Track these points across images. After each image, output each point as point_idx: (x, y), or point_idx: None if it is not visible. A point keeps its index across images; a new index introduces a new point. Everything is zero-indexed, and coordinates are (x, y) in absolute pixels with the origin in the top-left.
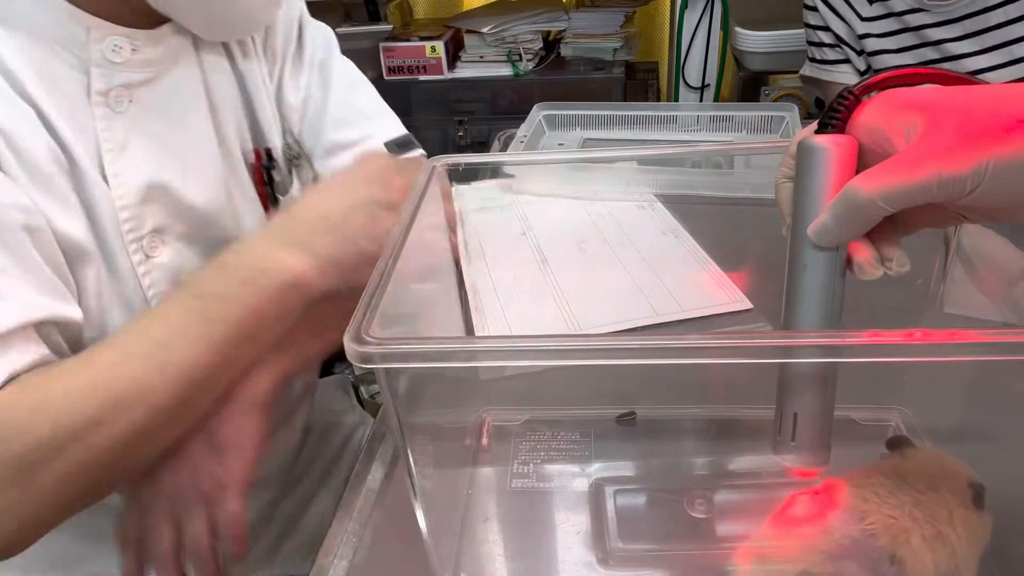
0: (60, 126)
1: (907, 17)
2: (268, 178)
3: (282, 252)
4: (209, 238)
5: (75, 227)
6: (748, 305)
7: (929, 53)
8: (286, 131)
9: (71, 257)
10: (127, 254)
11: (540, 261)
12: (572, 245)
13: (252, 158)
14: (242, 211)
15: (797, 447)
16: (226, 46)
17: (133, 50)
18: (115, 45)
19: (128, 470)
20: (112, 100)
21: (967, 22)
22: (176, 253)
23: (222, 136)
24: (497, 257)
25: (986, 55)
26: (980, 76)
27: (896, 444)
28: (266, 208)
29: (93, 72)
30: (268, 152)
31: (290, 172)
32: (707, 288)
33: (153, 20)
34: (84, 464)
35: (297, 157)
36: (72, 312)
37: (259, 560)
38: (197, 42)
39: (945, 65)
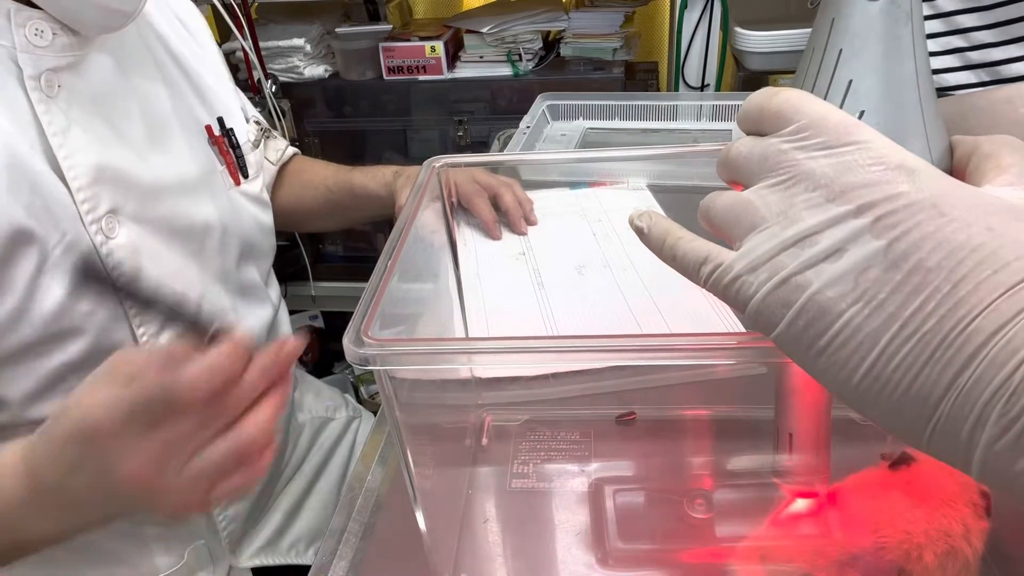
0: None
1: (938, 1)
2: (236, 154)
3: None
4: (163, 215)
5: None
6: None
7: (957, 41)
8: (246, 113)
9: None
10: (88, 236)
11: (536, 285)
12: (571, 269)
13: (206, 134)
14: (207, 186)
15: (794, 467)
16: (156, 31)
17: (54, 34)
18: (37, 29)
19: None
20: (44, 85)
21: (999, 11)
22: (131, 232)
23: (163, 114)
24: (492, 282)
25: (1016, 45)
26: (1005, 67)
27: (900, 462)
28: (236, 180)
29: (21, 58)
30: (222, 124)
31: (259, 144)
32: (708, 320)
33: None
34: None
35: (265, 133)
36: None
37: (262, 550)
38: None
39: (971, 55)
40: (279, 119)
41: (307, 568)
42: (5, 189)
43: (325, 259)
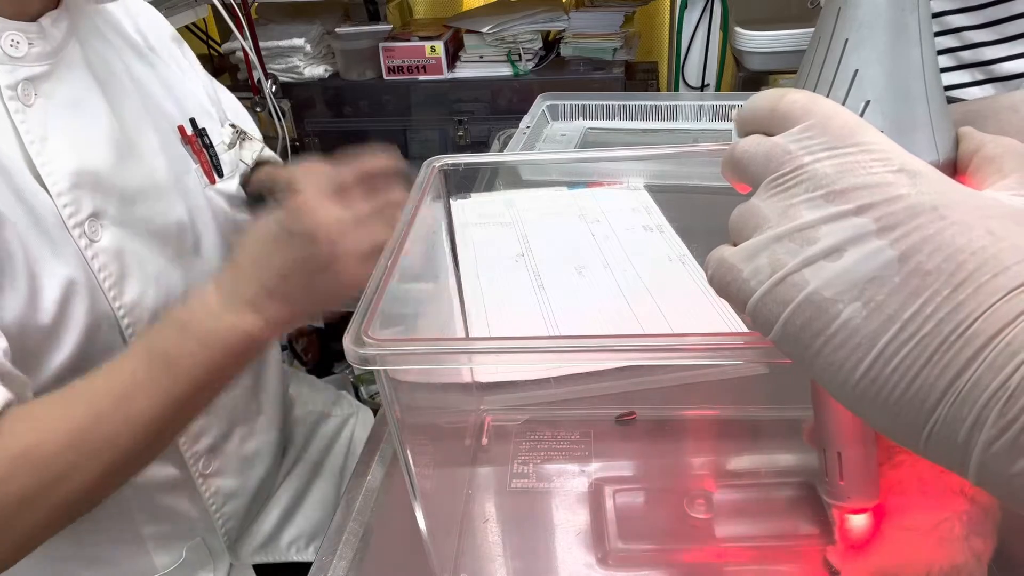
0: None
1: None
2: (209, 153)
3: (233, 315)
4: (142, 218)
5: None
6: None
7: (948, 41)
8: (221, 119)
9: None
10: (72, 240)
11: (537, 287)
12: (571, 269)
13: (179, 133)
14: (180, 186)
15: (847, 487)
16: (123, 36)
17: (29, 44)
18: (12, 40)
19: (96, 503)
20: (20, 95)
21: (988, 10)
22: (114, 235)
23: (135, 116)
24: (492, 281)
25: (1007, 44)
26: (998, 66)
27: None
28: (211, 179)
29: None
30: (194, 125)
31: (234, 146)
32: (709, 320)
33: (32, 13)
34: (58, 507)
35: (240, 135)
36: None
37: (262, 548)
38: (83, 35)
39: (963, 54)
40: (279, 119)
41: (308, 565)
42: None
43: None
